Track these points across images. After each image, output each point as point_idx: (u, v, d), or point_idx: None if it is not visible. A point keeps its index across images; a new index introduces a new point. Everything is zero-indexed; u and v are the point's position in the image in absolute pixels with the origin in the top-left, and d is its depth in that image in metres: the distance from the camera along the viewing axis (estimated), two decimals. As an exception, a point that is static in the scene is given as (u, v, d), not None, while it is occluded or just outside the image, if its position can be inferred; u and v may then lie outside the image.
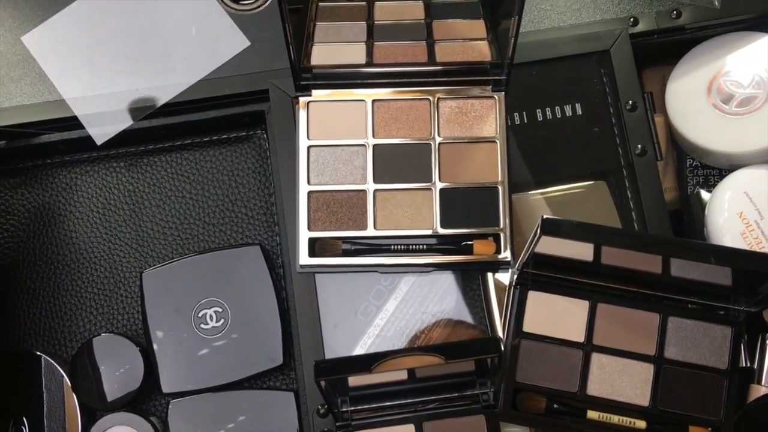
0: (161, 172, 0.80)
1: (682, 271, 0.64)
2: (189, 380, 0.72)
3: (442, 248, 0.67)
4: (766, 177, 0.75)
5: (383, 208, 0.68)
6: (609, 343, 0.65)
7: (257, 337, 0.73)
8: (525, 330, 0.65)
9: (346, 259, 0.67)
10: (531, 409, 0.64)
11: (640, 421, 0.63)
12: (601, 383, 0.64)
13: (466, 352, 0.54)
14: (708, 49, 0.80)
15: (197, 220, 0.78)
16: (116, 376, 0.72)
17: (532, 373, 0.64)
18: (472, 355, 0.54)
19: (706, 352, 0.64)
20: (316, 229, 0.67)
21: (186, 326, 0.73)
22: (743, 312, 0.64)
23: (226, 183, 0.79)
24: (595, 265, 0.65)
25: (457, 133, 0.69)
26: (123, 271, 0.77)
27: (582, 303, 0.65)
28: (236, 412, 0.71)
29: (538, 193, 0.72)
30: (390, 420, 0.64)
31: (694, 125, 0.78)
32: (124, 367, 0.72)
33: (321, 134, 0.69)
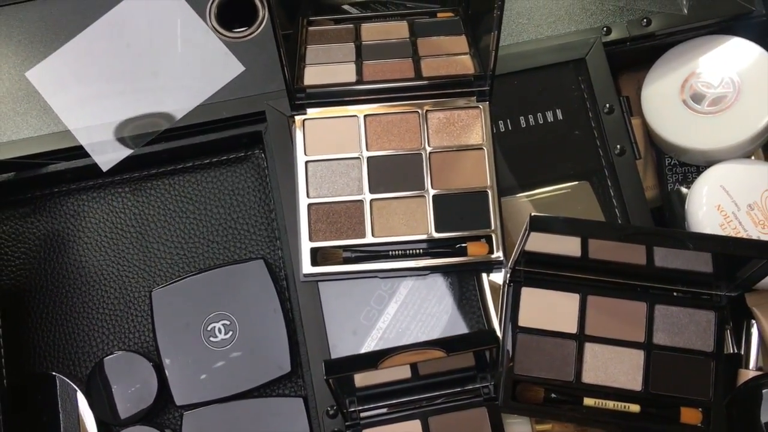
0: (165, 194, 0.83)
1: (666, 262, 0.68)
2: (201, 392, 0.75)
3: (438, 251, 0.70)
4: (741, 171, 0.79)
5: (380, 216, 0.71)
6: (600, 332, 0.68)
7: (265, 346, 0.76)
8: (520, 324, 0.68)
9: (347, 267, 0.70)
10: (530, 399, 0.67)
11: (634, 405, 0.66)
12: (595, 371, 0.67)
13: (466, 345, 0.57)
14: (678, 54, 0.85)
15: (201, 238, 0.82)
16: (130, 392, 0.75)
17: (530, 365, 0.67)
18: (471, 348, 0.57)
19: (692, 337, 0.68)
20: (317, 240, 0.71)
21: (196, 340, 0.76)
22: (725, 297, 0.68)
23: (227, 202, 0.83)
24: (584, 260, 0.68)
25: (446, 143, 0.73)
26: (132, 291, 0.80)
27: (573, 296, 0.69)
28: (248, 421, 0.74)
29: (526, 195, 0.76)
30: (397, 417, 0.67)
31: (670, 125, 0.83)
32: (138, 382, 0.75)
33: (317, 150, 0.73)
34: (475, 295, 0.72)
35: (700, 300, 0.68)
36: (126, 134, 0.80)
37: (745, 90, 0.80)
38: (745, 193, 0.78)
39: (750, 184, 0.78)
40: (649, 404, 0.66)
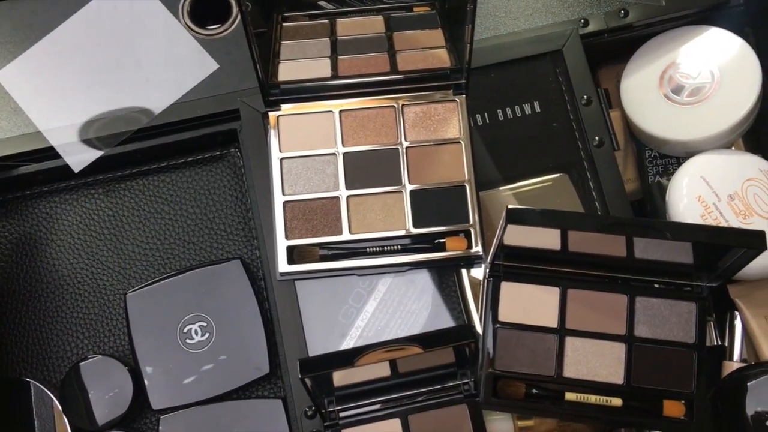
0: (139, 195, 0.82)
1: (646, 253, 0.67)
2: (178, 396, 0.74)
3: (416, 247, 0.69)
4: (721, 161, 0.79)
5: (357, 212, 0.70)
6: (581, 326, 0.67)
7: (243, 348, 0.74)
8: (500, 319, 0.67)
9: (324, 264, 0.69)
10: (511, 395, 0.66)
11: (616, 398, 0.65)
12: (576, 365, 0.66)
13: (443, 340, 0.56)
14: (657, 45, 0.84)
15: (177, 239, 0.80)
16: (106, 396, 0.73)
17: (510, 360, 0.67)
18: (448, 343, 0.56)
19: (674, 328, 0.67)
20: (293, 238, 0.69)
21: (172, 342, 0.74)
22: (706, 287, 0.67)
23: (203, 202, 0.81)
24: (563, 253, 0.67)
25: (423, 137, 0.72)
26: (107, 294, 0.79)
27: (553, 290, 0.68)
28: (226, 424, 0.73)
29: (506, 189, 0.75)
30: (376, 416, 0.66)
31: (650, 117, 0.82)
32: (114, 387, 0.74)
33: (292, 146, 0.72)
34: (456, 291, 0.71)
35: (681, 291, 0.68)
36: (98, 134, 0.78)
37: (724, 80, 0.80)
38: (725, 183, 0.77)
39: (730, 174, 0.78)
40: (631, 398, 0.65)
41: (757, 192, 0.78)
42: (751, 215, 0.76)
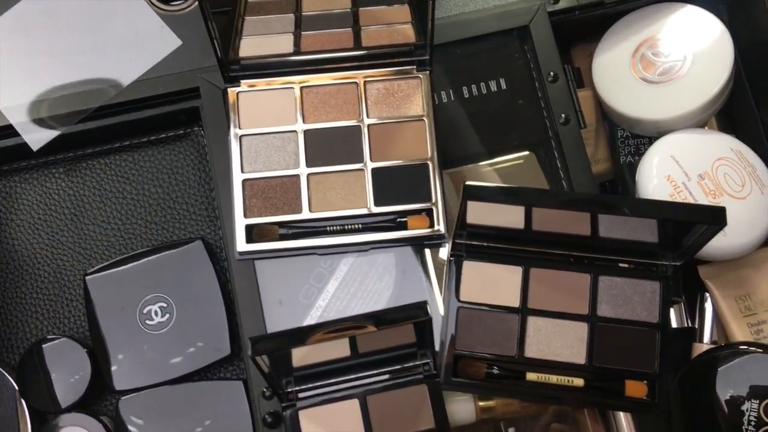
0: (101, 174, 0.80)
1: (611, 232, 0.66)
2: (138, 377, 0.73)
3: (378, 226, 0.68)
4: (692, 140, 0.78)
5: (317, 190, 0.69)
6: (543, 305, 0.66)
7: (203, 329, 0.73)
8: (462, 299, 0.66)
9: (284, 243, 0.68)
10: (472, 375, 0.65)
11: (578, 378, 0.64)
12: (538, 345, 0.65)
13: (396, 318, 0.55)
14: (629, 23, 0.83)
15: (139, 219, 0.79)
16: (64, 377, 0.72)
17: (471, 340, 0.65)
18: (401, 321, 0.55)
19: (637, 308, 0.66)
20: (251, 216, 0.68)
21: (131, 323, 0.73)
22: (670, 267, 0.66)
23: (166, 181, 0.80)
24: (527, 232, 0.66)
25: (386, 114, 0.70)
26: (67, 275, 0.78)
27: (515, 269, 0.67)
28: (186, 405, 0.72)
29: (471, 167, 0.73)
30: (335, 397, 0.65)
31: (621, 96, 0.81)
32: (72, 368, 0.72)
33: (252, 123, 0.70)
34: (419, 271, 0.70)
35: (645, 271, 0.67)
36: (57, 112, 0.76)
37: (696, 59, 0.79)
38: (695, 163, 0.76)
39: (701, 153, 0.77)
40: (593, 378, 0.64)
41: (727, 171, 0.76)
42: (721, 195, 0.75)
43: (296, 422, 0.64)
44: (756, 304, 0.78)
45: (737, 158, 0.77)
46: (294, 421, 0.64)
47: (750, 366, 0.71)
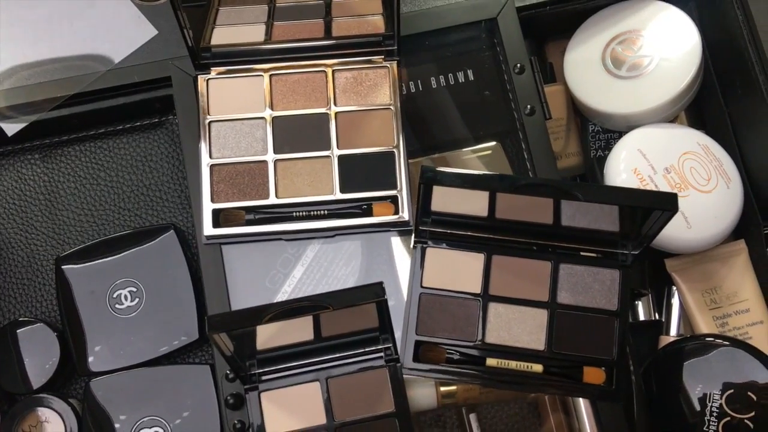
0: (76, 161, 0.81)
1: (573, 221, 0.67)
2: (106, 360, 0.73)
3: (343, 212, 0.69)
4: (659, 134, 0.79)
5: (284, 177, 0.70)
6: (504, 292, 0.67)
7: (172, 313, 0.74)
8: (424, 285, 0.67)
9: (250, 228, 0.68)
10: (433, 360, 0.65)
11: (537, 365, 0.65)
12: (498, 331, 0.66)
13: (352, 298, 0.56)
14: (601, 19, 0.84)
15: (113, 205, 0.80)
16: (34, 360, 0.73)
17: (433, 325, 0.66)
18: (357, 302, 0.56)
19: (596, 295, 0.66)
20: (219, 201, 0.69)
21: (101, 307, 0.74)
22: (630, 256, 0.67)
23: (140, 169, 0.81)
24: (490, 220, 0.67)
25: (353, 102, 0.71)
26: (40, 259, 0.78)
27: (478, 256, 0.68)
28: (154, 388, 0.72)
29: (438, 157, 0.74)
30: (297, 380, 0.65)
31: (591, 91, 0.82)
32: (42, 351, 0.73)
33: (221, 110, 0.71)
34: (385, 258, 0.71)
35: (605, 259, 0.67)
36: (33, 99, 0.77)
37: (665, 54, 0.80)
38: (662, 156, 0.77)
39: (668, 147, 0.78)
40: (552, 364, 0.65)
41: (694, 165, 0.77)
42: (686, 188, 0.76)
43: (258, 404, 0.65)
44: (722, 297, 0.79)
45: (704, 153, 0.78)
46: (256, 402, 0.65)
47: (714, 358, 0.72)
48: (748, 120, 0.79)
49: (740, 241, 0.80)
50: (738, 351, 0.71)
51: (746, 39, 0.76)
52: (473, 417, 0.68)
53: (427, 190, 0.61)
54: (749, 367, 0.71)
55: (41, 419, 0.72)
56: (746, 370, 0.71)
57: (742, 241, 0.80)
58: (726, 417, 0.70)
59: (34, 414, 0.72)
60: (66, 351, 0.74)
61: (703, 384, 0.71)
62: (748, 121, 0.79)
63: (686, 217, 0.75)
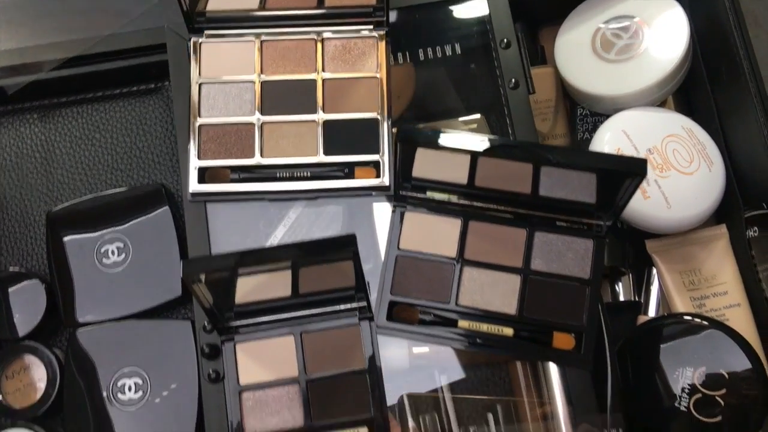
0: (72, 122, 0.83)
1: (550, 191, 0.68)
2: (91, 313, 0.75)
3: (326, 175, 0.71)
4: (644, 117, 0.80)
5: (270, 138, 0.71)
6: (479, 257, 0.68)
7: (157, 270, 0.76)
8: (401, 247, 0.68)
9: (235, 186, 0.70)
10: (406, 320, 0.67)
11: (508, 328, 0.66)
12: (471, 294, 0.67)
13: (323, 249, 0.57)
14: (592, 5, 0.86)
15: (106, 166, 0.82)
16: (21, 308, 0.75)
17: (408, 286, 0.68)
18: (328, 251, 0.57)
19: (569, 264, 0.68)
20: (205, 158, 0.71)
21: (88, 261, 0.76)
22: (605, 227, 0.68)
23: (134, 132, 0.83)
24: (470, 187, 0.69)
25: (341, 70, 0.73)
26: (33, 215, 0.81)
27: (455, 221, 0.69)
28: (136, 341, 0.74)
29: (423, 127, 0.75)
30: (272, 333, 0.67)
31: (580, 74, 0.83)
32: (29, 300, 0.75)
33: (212, 72, 0.73)
34: (366, 224, 0.73)
35: (580, 230, 0.68)
36: (33, 59, 0.80)
37: (654, 38, 0.81)
38: (645, 137, 0.78)
39: (652, 129, 0.79)
40: (523, 328, 0.66)
41: (677, 148, 0.78)
42: (668, 169, 0.77)
43: (233, 354, 0.66)
44: (700, 279, 0.79)
45: (687, 136, 0.79)
46: (231, 353, 0.66)
47: (690, 336, 0.73)
48: (733, 107, 0.80)
49: (721, 225, 0.80)
50: (713, 330, 0.72)
51: (732, 26, 0.77)
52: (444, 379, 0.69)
53: (404, 149, 0.63)
54: (723, 345, 0.72)
55: (25, 365, 0.73)
56: (720, 349, 0.71)
57: (723, 226, 0.80)
58: (697, 393, 0.71)
59: (18, 360, 0.74)
60: (53, 303, 0.76)
61: (676, 361, 0.72)
62: (732, 107, 0.80)
63: (666, 197, 0.76)
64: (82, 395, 0.73)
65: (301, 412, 0.65)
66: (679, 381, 0.72)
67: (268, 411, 0.65)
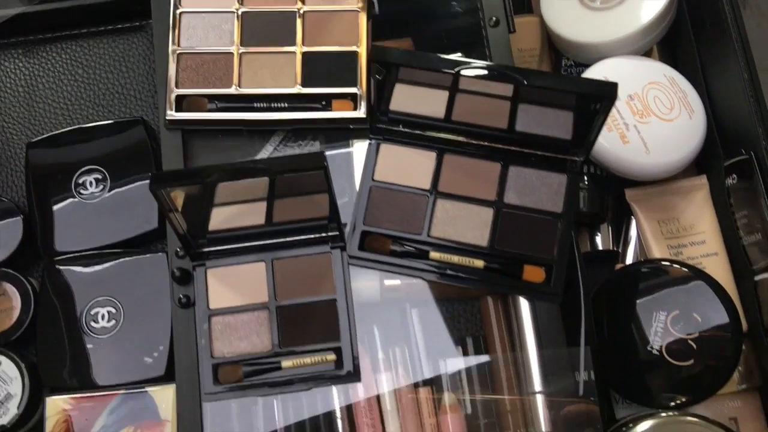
0: (56, 58, 0.84)
1: (527, 127, 0.68)
2: (67, 243, 0.75)
3: (303, 106, 0.71)
4: (626, 64, 0.80)
5: (248, 68, 0.71)
6: (453, 189, 0.68)
7: (135, 201, 0.76)
8: (375, 178, 0.68)
9: (211, 115, 0.70)
10: (378, 250, 0.67)
11: (478, 260, 0.66)
12: (444, 226, 0.67)
13: (291, 165, 0.57)
14: (578, -47, 0.85)
15: (88, 101, 0.82)
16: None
17: (381, 217, 0.67)
18: (296, 168, 0.57)
19: (542, 198, 0.67)
20: (183, 87, 0.71)
21: (66, 193, 0.76)
22: (579, 162, 0.68)
23: (117, 69, 0.83)
24: (447, 121, 0.69)
25: (322, 2, 0.73)
26: (14, 147, 0.81)
27: (430, 154, 0.69)
28: (110, 271, 0.74)
29: (402, 65, 0.76)
30: (243, 259, 0.67)
31: (565, 21, 0.83)
32: (6, 228, 0.76)
33: (193, 3, 0.73)
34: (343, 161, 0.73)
35: (554, 164, 0.68)
36: (16, -8, 0.80)
37: (638, -15, 0.80)
38: (626, 84, 0.78)
39: (633, 76, 0.79)
40: (493, 260, 0.66)
41: (658, 95, 0.78)
42: (648, 115, 0.77)
43: (204, 279, 0.66)
44: (679, 228, 0.79)
45: (669, 84, 0.79)
46: (202, 277, 0.66)
47: (665, 280, 0.72)
48: (716, 56, 0.80)
49: (702, 176, 0.80)
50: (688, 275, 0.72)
51: (716, -25, 0.77)
52: (415, 312, 0.69)
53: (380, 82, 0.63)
54: (696, 289, 0.71)
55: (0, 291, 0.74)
56: (693, 293, 0.71)
57: (703, 176, 0.80)
58: (670, 336, 0.71)
59: (-7, 287, 0.74)
60: (30, 233, 0.76)
61: (651, 305, 0.72)
62: (715, 57, 0.80)
63: (645, 143, 0.76)
64: (56, 323, 0.73)
65: (270, 337, 0.65)
66: (652, 324, 0.72)
67: (236, 335, 0.65)
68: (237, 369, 0.64)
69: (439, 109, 0.68)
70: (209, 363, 0.65)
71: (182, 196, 0.60)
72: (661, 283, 0.73)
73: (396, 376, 0.67)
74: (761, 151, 0.70)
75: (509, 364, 0.67)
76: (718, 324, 0.70)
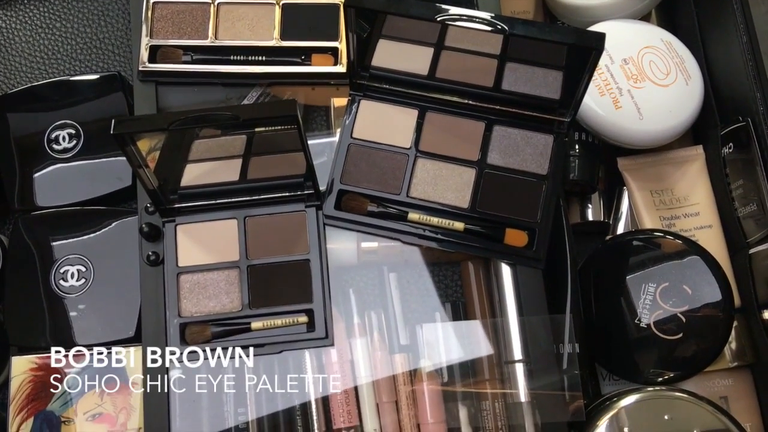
0: (34, 11, 0.81)
1: (514, 86, 0.65)
2: (39, 198, 0.73)
3: (282, 60, 0.68)
4: (622, 28, 0.77)
5: (226, 19, 0.69)
6: (434, 149, 0.65)
7: (108, 158, 0.73)
8: (354, 136, 0.66)
9: (186, 66, 0.68)
10: (354, 210, 0.64)
11: (459, 222, 0.63)
12: (424, 186, 0.64)
13: (261, 112, 0.55)
14: None
15: (65, 55, 0.80)
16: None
17: (358, 176, 0.65)
18: (266, 115, 0.55)
19: (527, 159, 0.65)
20: (157, 37, 0.68)
21: (39, 148, 0.74)
22: (566, 124, 0.65)
23: (95, 23, 0.80)
24: (430, 78, 0.66)
25: (302, -42, 0.70)
26: (-12, 101, 0.79)
27: (411, 112, 0.66)
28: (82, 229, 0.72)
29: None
30: (215, 216, 0.64)
31: (561, -16, 0.80)
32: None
33: (171, -46, 0.70)
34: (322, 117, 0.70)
35: (540, 125, 0.65)
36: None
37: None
38: (621, 48, 0.75)
39: (629, 40, 0.76)
40: (474, 223, 0.63)
41: (653, 60, 0.75)
42: (643, 80, 0.74)
43: (174, 236, 0.64)
44: (672, 200, 0.76)
45: (666, 48, 0.76)
46: (171, 234, 0.64)
47: (657, 253, 0.70)
48: (715, 22, 0.77)
49: (698, 146, 0.77)
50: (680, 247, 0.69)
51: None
52: (393, 276, 0.66)
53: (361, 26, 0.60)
54: (689, 263, 0.69)
55: (-34, 246, 0.72)
56: (685, 266, 0.69)
57: (699, 147, 0.77)
58: (659, 309, 0.68)
59: (-39, 241, 0.72)
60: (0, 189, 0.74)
61: (641, 277, 0.69)
62: (714, 23, 0.77)
63: (639, 108, 0.73)
64: (24, 281, 0.71)
65: (240, 297, 0.63)
66: (641, 297, 0.69)
67: (205, 294, 0.63)
68: (205, 329, 0.62)
69: (422, 66, 0.65)
70: (176, 322, 0.62)
71: (156, 152, 0.58)
72: (652, 255, 0.70)
73: (371, 341, 0.65)
74: (758, 116, 0.67)
75: (489, 332, 0.64)
76: (710, 299, 0.67)
